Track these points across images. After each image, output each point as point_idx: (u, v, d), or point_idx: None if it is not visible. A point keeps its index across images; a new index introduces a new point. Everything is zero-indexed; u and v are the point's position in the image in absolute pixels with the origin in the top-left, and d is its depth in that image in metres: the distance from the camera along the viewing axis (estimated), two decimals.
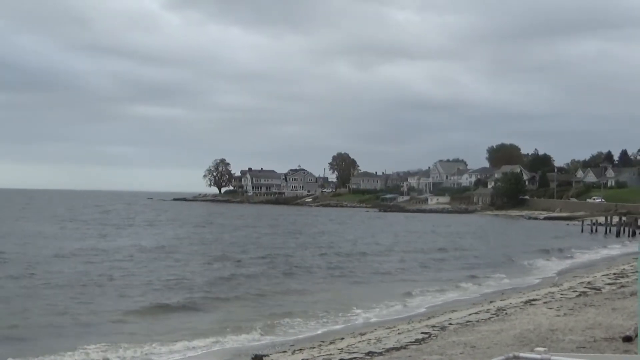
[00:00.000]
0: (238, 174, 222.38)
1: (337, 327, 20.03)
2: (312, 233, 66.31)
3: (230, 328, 19.32)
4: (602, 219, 79.34)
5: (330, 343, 16.35)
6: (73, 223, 73.23)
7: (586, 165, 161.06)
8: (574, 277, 30.50)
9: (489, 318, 17.62)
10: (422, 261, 40.46)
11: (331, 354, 14.17)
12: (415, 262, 40.14)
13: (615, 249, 51.84)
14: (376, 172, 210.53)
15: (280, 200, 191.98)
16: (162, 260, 37.23)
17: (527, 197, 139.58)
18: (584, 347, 12.09)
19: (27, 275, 29.23)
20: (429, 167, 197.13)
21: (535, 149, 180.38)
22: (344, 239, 57.28)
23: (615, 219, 78.83)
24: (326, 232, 69.27)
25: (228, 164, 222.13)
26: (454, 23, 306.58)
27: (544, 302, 19.95)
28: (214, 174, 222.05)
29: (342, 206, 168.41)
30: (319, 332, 19.23)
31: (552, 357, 4.52)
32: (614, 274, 29.07)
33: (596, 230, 73.20)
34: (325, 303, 24.18)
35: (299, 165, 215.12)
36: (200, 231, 64.98)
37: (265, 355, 15.25)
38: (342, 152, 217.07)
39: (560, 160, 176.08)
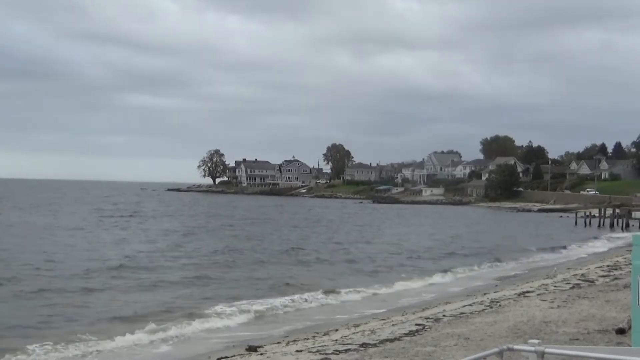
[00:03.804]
0: (232, 164, 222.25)
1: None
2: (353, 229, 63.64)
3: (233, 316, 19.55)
4: (595, 211, 79.59)
5: (325, 334, 16.36)
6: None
7: (580, 157, 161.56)
8: (568, 269, 30.59)
9: (483, 310, 17.65)
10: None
11: (325, 345, 14.16)
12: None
13: (608, 242, 51.98)
14: (370, 164, 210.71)
15: (274, 191, 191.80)
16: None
17: (521, 189, 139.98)
18: (577, 339, 12.13)
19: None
20: (423, 159, 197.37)
21: (530, 141, 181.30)
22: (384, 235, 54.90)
23: (609, 211, 79.13)
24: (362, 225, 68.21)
25: (222, 154, 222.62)
26: (455, 13, 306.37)
27: (538, 294, 19.98)
28: (209, 164, 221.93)
29: (336, 197, 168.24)
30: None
31: (546, 349, 4.52)
32: (608, 266, 29.14)
33: (590, 223, 73.33)
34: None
35: (293, 156, 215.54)
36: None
37: (259, 346, 15.25)
38: (337, 143, 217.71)
39: (554, 152, 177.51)
